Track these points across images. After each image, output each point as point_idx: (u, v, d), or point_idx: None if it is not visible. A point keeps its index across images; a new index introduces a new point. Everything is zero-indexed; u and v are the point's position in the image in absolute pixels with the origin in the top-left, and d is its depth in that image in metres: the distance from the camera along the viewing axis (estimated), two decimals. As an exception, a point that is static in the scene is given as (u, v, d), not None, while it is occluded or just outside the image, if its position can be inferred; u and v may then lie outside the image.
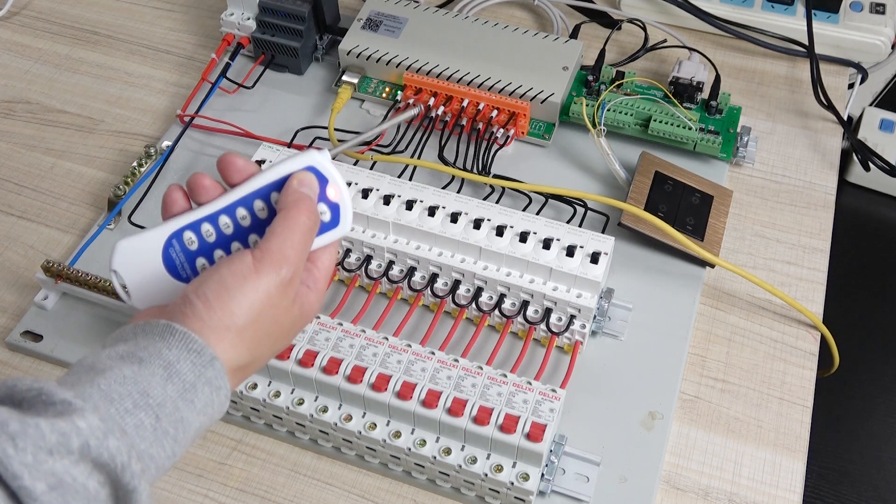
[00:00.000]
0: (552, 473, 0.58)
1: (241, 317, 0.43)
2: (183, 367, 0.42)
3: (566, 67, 0.79)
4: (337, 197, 0.47)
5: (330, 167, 0.47)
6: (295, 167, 0.46)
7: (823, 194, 0.78)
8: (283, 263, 0.44)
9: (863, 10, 0.88)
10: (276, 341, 0.46)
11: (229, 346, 0.43)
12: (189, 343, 0.42)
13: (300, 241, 0.45)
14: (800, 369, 0.67)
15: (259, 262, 0.44)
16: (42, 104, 0.86)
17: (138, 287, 0.47)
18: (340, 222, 0.48)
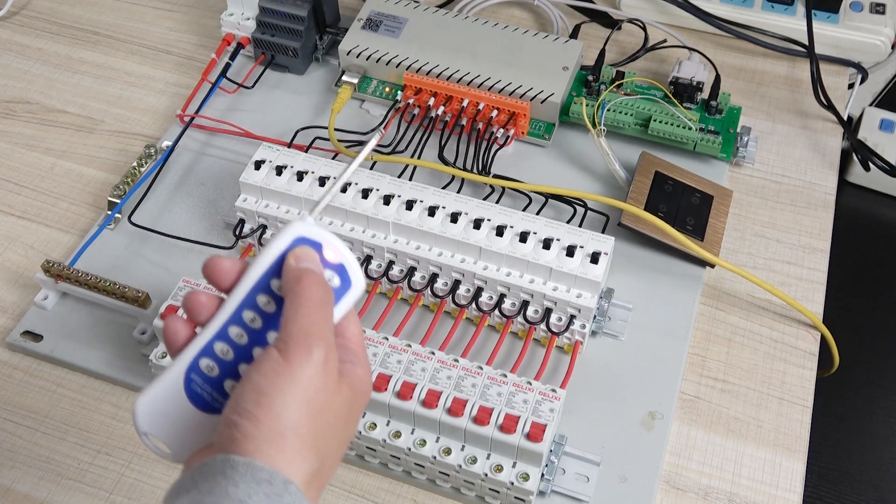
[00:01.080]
0: (552, 473, 0.58)
1: (291, 417, 0.38)
2: (256, 500, 0.37)
3: (566, 67, 0.79)
4: (338, 257, 0.43)
5: (318, 231, 0.43)
6: (283, 246, 0.42)
7: (823, 194, 0.78)
8: (311, 344, 0.39)
9: (863, 10, 0.88)
10: (340, 432, 0.41)
11: (294, 455, 0.38)
12: (255, 473, 0.37)
13: (319, 315, 0.40)
14: (800, 369, 0.67)
15: (286, 353, 0.39)
16: (42, 104, 0.86)
17: (176, 439, 0.42)
18: (352, 282, 0.43)
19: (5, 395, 0.66)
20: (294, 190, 0.67)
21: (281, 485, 0.37)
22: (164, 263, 0.72)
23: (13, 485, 0.62)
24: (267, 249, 0.42)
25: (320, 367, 0.39)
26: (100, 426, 0.65)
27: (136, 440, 0.64)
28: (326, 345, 0.40)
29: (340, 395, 0.41)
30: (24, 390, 0.67)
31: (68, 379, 0.67)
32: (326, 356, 0.40)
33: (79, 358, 0.67)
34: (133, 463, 0.63)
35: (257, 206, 0.69)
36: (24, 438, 0.64)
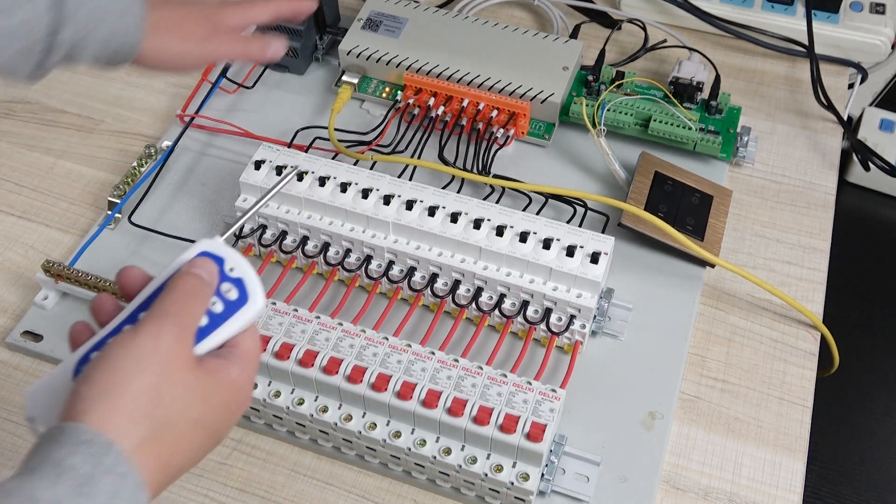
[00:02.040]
0: (552, 473, 0.58)
1: (125, 378, 0.39)
2: (74, 461, 0.37)
3: (566, 67, 0.79)
4: (238, 272, 0.44)
5: (222, 247, 0.45)
6: (187, 257, 0.44)
7: (823, 194, 0.78)
8: (163, 321, 0.40)
9: (863, 10, 0.88)
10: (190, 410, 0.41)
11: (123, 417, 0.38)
12: (78, 434, 0.37)
13: (183, 301, 0.42)
14: (800, 369, 0.67)
15: (138, 327, 0.40)
16: (42, 104, 0.86)
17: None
18: (250, 297, 0.44)
19: (5, 395, 0.66)
20: (294, 190, 0.67)
21: (102, 445, 0.37)
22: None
23: (13, 485, 0.62)
24: (174, 261, 0.44)
25: (170, 342, 0.40)
26: (100, 426, 0.65)
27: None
28: (181, 324, 0.41)
29: (194, 376, 0.41)
30: (24, 390, 0.67)
31: (68, 379, 0.67)
32: (179, 335, 0.41)
33: (79, 358, 0.67)
34: (133, 463, 0.63)
35: (257, 206, 0.69)
36: (24, 438, 0.64)
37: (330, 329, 0.61)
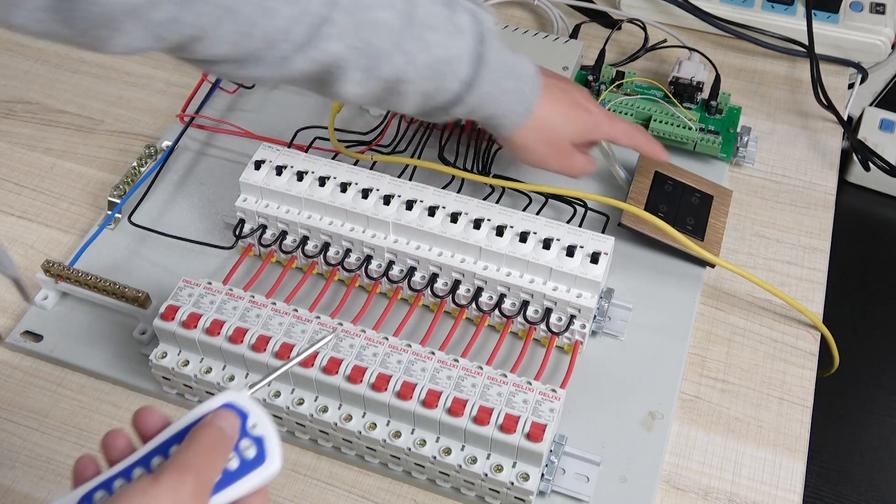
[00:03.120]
0: (552, 473, 0.58)
1: None
2: None
3: (566, 67, 0.79)
4: (260, 430, 0.43)
5: (248, 402, 0.43)
6: (211, 406, 0.43)
7: (823, 194, 0.78)
8: (185, 473, 0.39)
9: (863, 10, 0.88)
10: None
11: None
12: None
13: (205, 455, 0.40)
14: (800, 369, 0.67)
15: (158, 475, 0.39)
16: (42, 104, 0.86)
17: None
18: (267, 458, 0.43)
19: (5, 395, 0.66)
20: (294, 190, 0.67)
21: None
22: (164, 263, 0.72)
23: (13, 485, 0.62)
24: (195, 409, 0.43)
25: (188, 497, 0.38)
26: (100, 426, 0.65)
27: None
28: (201, 480, 0.39)
29: None
30: (24, 390, 0.67)
31: (68, 379, 0.67)
32: (198, 491, 0.39)
33: (79, 358, 0.67)
34: (133, 463, 0.63)
35: (257, 206, 0.69)
36: (24, 438, 0.64)
37: (330, 329, 0.61)
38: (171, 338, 0.62)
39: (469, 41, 0.56)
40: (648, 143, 0.69)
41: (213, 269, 0.71)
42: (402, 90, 0.56)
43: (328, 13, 0.50)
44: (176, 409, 0.65)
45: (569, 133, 0.64)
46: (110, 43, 0.46)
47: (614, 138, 0.67)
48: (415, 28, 0.54)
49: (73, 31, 0.44)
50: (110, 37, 0.45)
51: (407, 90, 0.56)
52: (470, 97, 0.58)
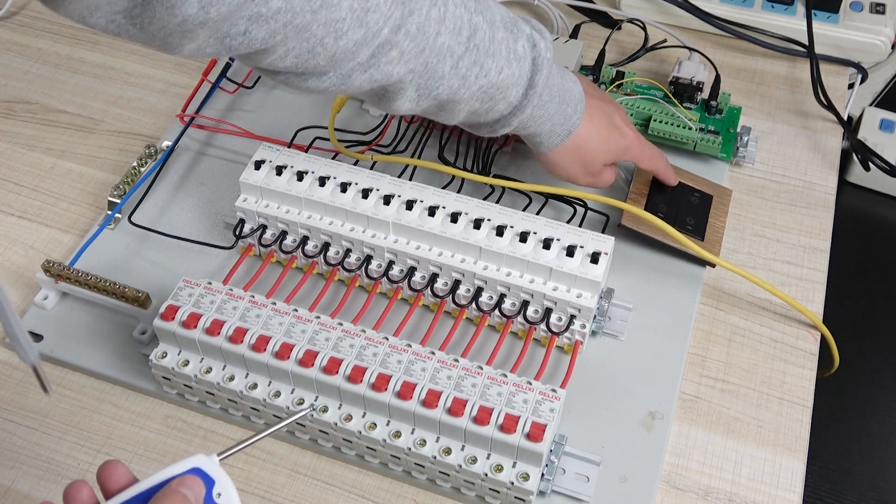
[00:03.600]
0: (552, 473, 0.58)
1: None
2: None
3: (566, 67, 0.79)
4: (225, 499, 0.44)
5: (216, 469, 0.44)
6: (177, 470, 0.43)
7: (823, 194, 0.78)
8: None
9: (863, 10, 0.88)
10: None
11: None
12: None
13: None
14: (800, 369, 0.67)
15: None
16: (42, 104, 0.86)
17: None
18: None
19: (5, 395, 0.66)
20: (294, 190, 0.67)
21: None
22: (164, 263, 0.72)
23: (13, 485, 0.62)
24: (162, 469, 0.43)
25: None
26: (100, 426, 0.65)
27: (136, 440, 0.64)
28: None
29: None
30: (24, 390, 0.67)
31: (68, 379, 0.67)
32: None
33: (79, 358, 0.67)
34: (133, 463, 0.63)
35: (257, 206, 0.69)
36: (24, 438, 0.64)
37: (330, 329, 0.61)
38: (171, 338, 0.62)
39: (524, 68, 0.58)
40: (666, 170, 0.71)
41: (213, 269, 0.71)
42: (451, 108, 0.58)
43: (393, 37, 0.51)
44: (176, 408, 0.65)
45: (602, 155, 0.66)
46: (181, 48, 0.47)
47: (640, 162, 0.70)
48: (474, 54, 0.55)
49: (146, 35, 0.45)
50: (183, 43, 0.46)
51: (456, 109, 0.58)
52: (515, 119, 0.60)
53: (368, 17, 0.49)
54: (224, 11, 0.44)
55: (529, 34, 0.59)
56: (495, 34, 0.56)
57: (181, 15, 0.43)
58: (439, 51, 0.53)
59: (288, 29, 0.47)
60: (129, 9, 0.43)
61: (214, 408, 0.64)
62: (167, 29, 0.44)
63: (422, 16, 0.52)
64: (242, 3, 0.44)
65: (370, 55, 0.51)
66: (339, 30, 0.49)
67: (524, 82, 0.58)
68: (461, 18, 0.54)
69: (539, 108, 0.60)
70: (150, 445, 0.64)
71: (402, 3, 0.51)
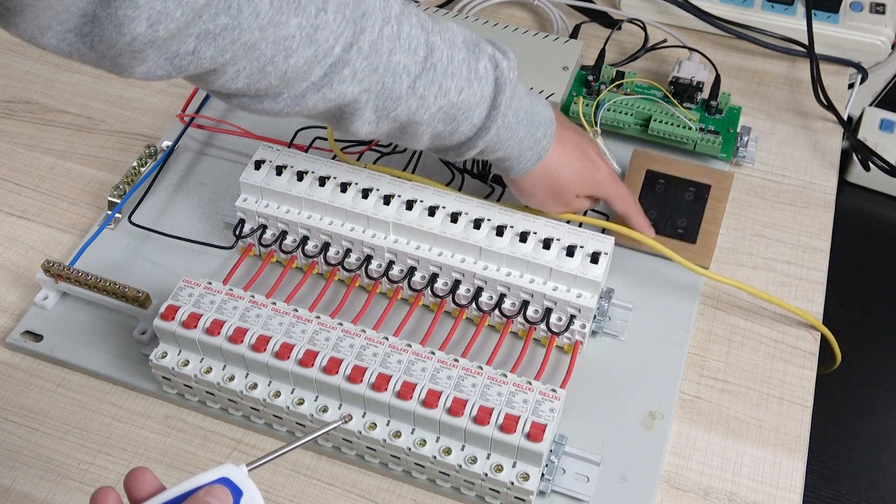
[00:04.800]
0: (552, 473, 0.58)
1: None
2: None
3: (566, 67, 0.79)
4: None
5: (245, 481, 0.43)
6: (206, 479, 0.43)
7: (823, 194, 0.78)
8: None
9: (863, 10, 0.88)
10: None
11: None
12: None
13: None
14: (800, 369, 0.67)
15: None
16: (42, 104, 0.86)
17: None
18: None
19: (5, 395, 0.66)
20: (294, 190, 0.67)
21: None
22: (164, 263, 0.72)
23: (13, 485, 0.62)
24: (190, 478, 0.42)
25: None
26: (100, 426, 0.65)
27: (136, 440, 0.64)
28: None
29: None
30: (24, 390, 0.67)
31: (68, 379, 0.67)
32: None
33: (79, 358, 0.67)
34: (133, 463, 0.63)
35: (257, 206, 0.69)
36: (24, 438, 0.64)
37: (330, 329, 0.61)
38: (171, 338, 0.62)
39: (486, 88, 0.57)
40: (638, 217, 0.69)
41: (213, 269, 0.71)
42: (413, 130, 0.57)
43: (345, 55, 0.51)
44: (176, 408, 0.65)
45: (574, 185, 0.65)
46: (132, 70, 0.47)
47: (612, 201, 0.68)
48: (432, 73, 0.55)
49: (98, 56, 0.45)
50: (132, 64, 0.46)
51: (418, 131, 0.57)
52: (481, 141, 0.59)
53: (318, 35, 0.49)
54: (172, 28, 0.44)
55: (492, 54, 0.58)
56: (454, 54, 0.56)
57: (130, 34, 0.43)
58: (394, 70, 0.53)
59: (236, 47, 0.47)
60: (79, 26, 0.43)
61: (214, 408, 0.64)
62: (117, 48, 0.44)
63: (374, 34, 0.51)
64: (190, 20, 0.44)
65: (323, 74, 0.51)
66: (289, 48, 0.49)
67: (487, 103, 0.57)
68: (417, 38, 0.54)
69: (505, 130, 0.59)
70: (150, 445, 0.64)
71: (353, 21, 0.50)
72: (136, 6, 0.42)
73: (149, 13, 0.42)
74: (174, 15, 0.43)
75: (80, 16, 0.42)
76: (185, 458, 0.63)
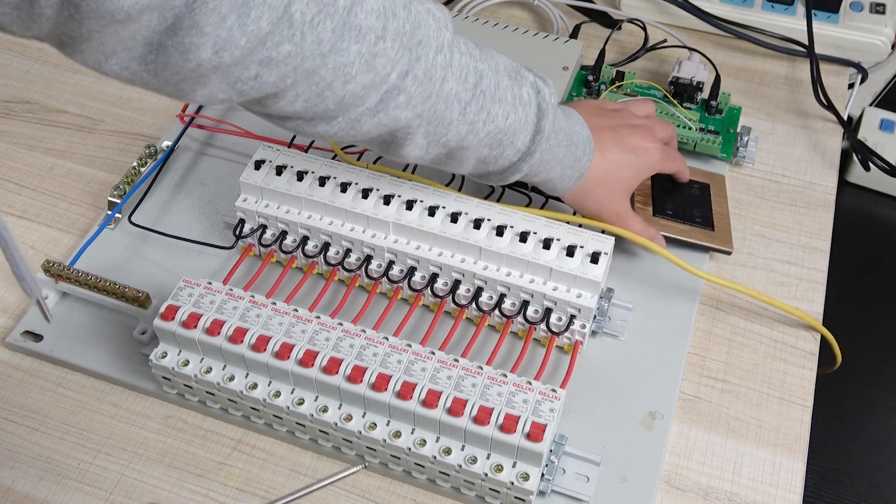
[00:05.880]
0: (552, 473, 0.58)
1: None
2: None
3: (566, 67, 0.79)
4: None
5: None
6: None
7: (823, 194, 0.78)
8: None
9: (863, 10, 0.88)
10: None
11: None
12: None
13: None
14: (800, 369, 0.67)
15: None
16: (42, 104, 0.86)
17: None
18: None
19: (5, 395, 0.66)
20: (294, 190, 0.67)
21: None
22: (164, 263, 0.72)
23: (13, 485, 0.62)
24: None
25: None
26: (100, 426, 0.65)
27: (136, 440, 0.64)
28: None
29: None
30: (24, 390, 0.67)
31: (68, 379, 0.67)
32: None
33: (79, 358, 0.67)
34: (133, 463, 0.63)
35: (257, 206, 0.69)
36: (24, 438, 0.64)
37: (330, 329, 0.61)
38: (171, 338, 0.62)
39: (530, 114, 0.59)
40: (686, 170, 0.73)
41: (213, 269, 0.71)
42: (460, 156, 0.59)
43: (401, 82, 0.52)
44: (176, 408, 0.65)
45: (621, 186, 0.67)
46: (194, 94, 0.48)
47: (666, 171, 0.70)
48: (481, 100, 0.56)
49: (161, 82, 0.46)
50: (196, 89, 0.47)
51: (465, 156, 0.59)
52: (525, 165, 0.61)
53: (376, 62, 0.50)
54: (237, 55, 0.44)
55: (533, 81, 0.60)
56: (500, 81, 0.57)
57: (195, 60, 0.44)
58: (447, 97, 0.54)
59: (298, 73, 0.48)
60: (144, 55, 0.44)
61: (214, 408, 0.64)
62: (181, 74, 0.45)
63: (428, 62, 0.52)
64: (254, 47, 0.45)
65: (378, 100, 0.52)
66: (348, 74, 0.50)
67: (531, 127, 0.59)
68: (467, 66, 0.55)
69: (548, 153, 0.61)
70: (150, 445, 0.64)
71: (409, 49, 0.51)
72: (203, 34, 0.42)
73: (214, 40, 0.43)
74: (239, 42, 0.44)
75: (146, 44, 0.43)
76: (185, 458, 0.63)
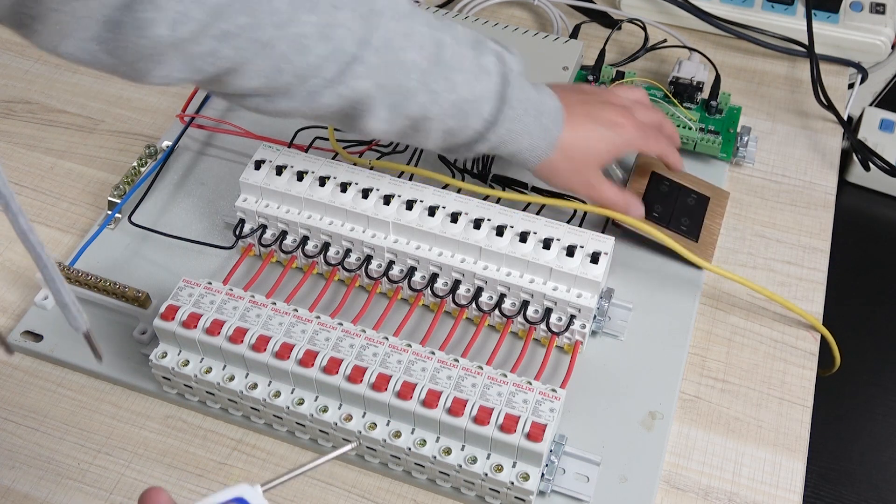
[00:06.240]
0: (552, 473, 0.58)
1: None
2: None
3: (566, 67, 0.79)
4: None
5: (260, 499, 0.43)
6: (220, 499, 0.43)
7: (823, 194, 0.78)
8: None
9: (863, 10, 0.88)
10: None
11: None
12: None
13: None
14: (800, 369, 0.67)
15: None
16: (42, 104, 0.86)
17: None
18: None
19: (5, 395, 0.66)
20: (294, 190, 0.67)
21: None
22: (164, 263, 0.72)
23: (13, 485, 0.62)
24: (205, 498, 0.42)
25: None
26: (100, 426, 0.65)
27: (136, 440, 0.64)
28: None
29: None
30: (24, 390, 0.67)
31: (68, 379, 0.67)
32: None
33: (79, 358, 0.67)
34: (133, 463, 0.63)
35: (257, 206, 0.69)
36: (24, 438, 0.64)
37: (330, 329, 0.61)
38: (171, 338, 0.62)
39: (493, 82, 0.58)
40: (674, 154, 0.70)
41: (213, 269, 0.71)
42: (425, 127, 0.58)
43: (359, 52, 0.52)
44: (176, 408, 0.65)
45: (594, 158, 0.65)
46: (150, 74, 0.47)
47: (646, 150, 0.69)
48: (442, 69, 0.55)
49: (117, 62, 0.46)
50: (151, 68, 0.47)
51: (430, 127, 0.58)
52: (492, 135, 0.60)
53: (333, 32, 0.50)
54: (194, 29, 0.44)
55: (497, 51, 0.59)
56: (461, 50, 0.57)
57: (152, 37, 0.43)
58: (406, 66, 0.54)
59: (254, 46, 0.48)
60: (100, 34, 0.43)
61: (214, 408, 0.64)
62: (137, 53, 0.44)
63: (387, 31, 0.52)
64: (211, 21, 0.45)
65: (337, 71, 0.52)
66: (304, 45, 0.49)
67: (495, 96, 0.58)
68: (425, 35, 0.55)
69: (514, 122, 0.60)
70: (150, 445, 0.64)
71: (366, 18, 0.51)
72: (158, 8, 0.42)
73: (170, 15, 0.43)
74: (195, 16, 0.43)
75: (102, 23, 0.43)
76: (185, 458, 0.63)
